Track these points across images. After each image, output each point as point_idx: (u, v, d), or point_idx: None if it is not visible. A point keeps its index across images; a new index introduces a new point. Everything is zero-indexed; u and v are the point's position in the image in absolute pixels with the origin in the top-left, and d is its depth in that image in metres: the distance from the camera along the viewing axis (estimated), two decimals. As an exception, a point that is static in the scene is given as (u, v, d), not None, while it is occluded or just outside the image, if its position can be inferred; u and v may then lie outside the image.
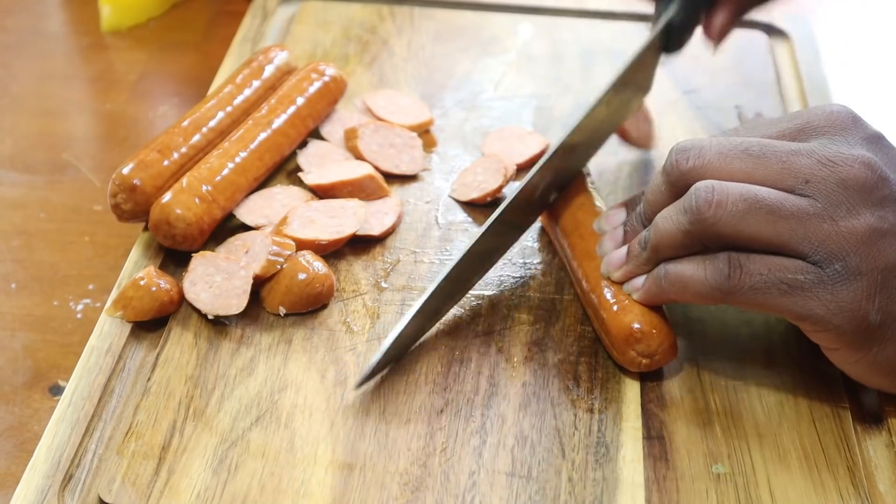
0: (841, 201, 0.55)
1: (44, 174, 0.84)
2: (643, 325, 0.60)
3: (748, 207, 0.55)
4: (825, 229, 0.54)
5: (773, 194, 0.55)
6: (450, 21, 0.95)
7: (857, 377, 0.59)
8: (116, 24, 1.01)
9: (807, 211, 0.55)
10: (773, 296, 0.56)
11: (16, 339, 0.70)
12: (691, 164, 0.57)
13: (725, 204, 0.55)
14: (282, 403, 0.60)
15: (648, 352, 0.60)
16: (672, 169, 0.58)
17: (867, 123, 0.59)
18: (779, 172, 0.56)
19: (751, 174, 0.56)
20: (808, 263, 0.55)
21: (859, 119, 0.59)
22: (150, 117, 0.91)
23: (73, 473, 0.57)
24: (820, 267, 0.55)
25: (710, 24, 0.74)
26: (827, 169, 0.55)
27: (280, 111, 0.75)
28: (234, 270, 0.65)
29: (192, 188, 0.68)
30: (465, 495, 0.56)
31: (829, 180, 0.55)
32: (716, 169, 0.57)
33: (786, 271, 0.55)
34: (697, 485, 0.57)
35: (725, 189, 0.55)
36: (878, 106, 0.95)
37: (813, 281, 0.55)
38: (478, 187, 0.75)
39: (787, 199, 0.55)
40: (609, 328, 0.62)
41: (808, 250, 0.55)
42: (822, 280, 0.55)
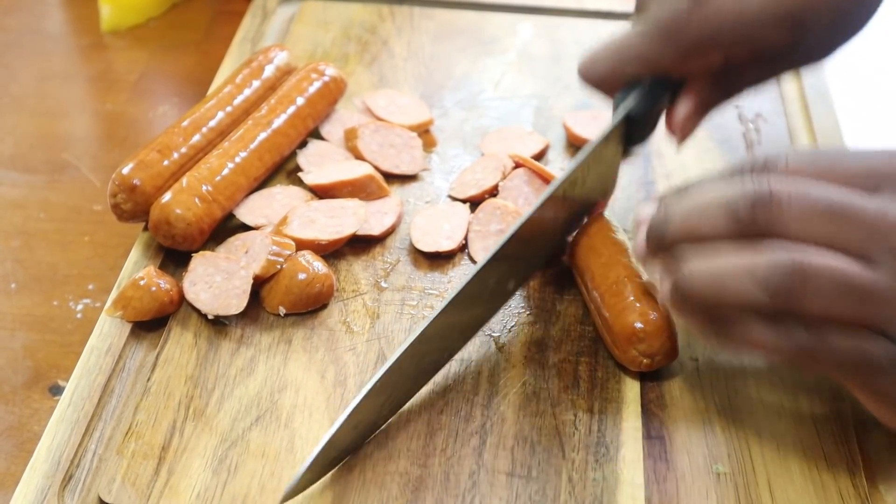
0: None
1: (44, 174, 0.84)
2: (645, 324, 0.60)
3: (837, 292, 0.49)
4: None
5: (861, 276, 0.49)
6: (449, 21, 0.95)
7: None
8: (116, 24, 1.01)
9: (890, 288, 0.49)
10: (849, 367, 0.52)
11: (16, 339, 0.70)
12: (770, 219, 0.50)
13: (810, 288, 0.49)
14: (282, 403, 0.60)
15: (650, 352, 0.60)
16: (745, 218, 0.51)
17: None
18: (864, 239, 0.50)
19: (832, 237, 0.50)
20: (888, 341, 0.50)
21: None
22: (150, 117, 0.91)
23: (72, 473, 0.57)
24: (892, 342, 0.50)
25: (671, 117, 0.68)
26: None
27: (280, 111, 0.75)
28: (234, 270, 0.65)
29: (192, 188, 0.68)
30: (465, 495, 0.56)
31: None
32: (795, 228, 0.50)
33: (865, 343, 0.51)
34: (697, 485, 0.57)
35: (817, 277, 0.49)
36: (878, 106, 0.95)
37: (886, 356, 0.50)
38: (476, 185, 0.75)
39: (876, 280, 0.49)
40: (611, 327, 0.62)
41: (889, 323, 0.50)
42: (890, 356, 0.50)
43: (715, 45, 0.63)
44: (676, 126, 0.67)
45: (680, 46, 0.64)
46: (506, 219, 0.71)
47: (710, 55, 0.64)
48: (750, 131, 0.82)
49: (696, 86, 0.67)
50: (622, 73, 0.66)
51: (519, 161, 0.75)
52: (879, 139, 0.90)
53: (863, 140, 0.87)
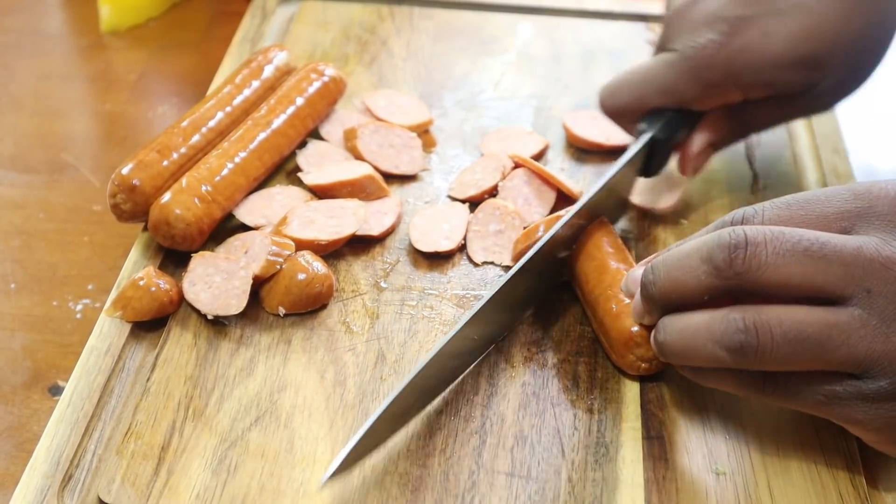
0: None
1: (43, 174, 0.84)
2: (642, 328, 0.60)
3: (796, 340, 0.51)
4: (876, 349, 0.51)
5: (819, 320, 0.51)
6: (449, 21, 0.95)
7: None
8: (116, 24, 1.01)
9: (859, 328, 0.51)
10: (810, 405, 0.54)
11: (15, 339, 0.70)
12: (746, 265, 0.51)
13: (769, 347, 0.51)
14: (281, 403, 0.60)
15: (648, 356, 0.60)
16: (724, 266, 0.52)
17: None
18: (840, 279, 0.51)
19: (809, 279, 0.51)
20: (849, 376, 0.52)
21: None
22: (149, 117, 0.91)
23: (72, 474, 0.57)
24: (861, 381, 0.52)
25: (686, 150, 0.70)
26: (890, 274, 0.50)
27: (279, 111, 0.75)
28: (234, 270, 0.65)
29: (191, 188, 0.68)
30: (465, 495, 0.56)
31: (891, 289, 0.50)
32: (773, 272, 0.51)
33: (824, 385, 0.53)
34: (697, 485, 0.57)
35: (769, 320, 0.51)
36: (878, 105, 0.95)
37: (852, 394, 0.52)
38: (475, 185, 0.75)
39: (837, 319, 0.51)
40: (608, 331, 0.62)
41: (850, 368, 0.52)
42: (862, 393, 0.52)
43: (738, 81, 0.66)
44: (690, 159, 0.70)
45: (705, 80, 0.66)
46: (505, 219, 0.71)
47: (731, 92, 0.67)
48: (750, 131, 0.82)
49: (712, 122, 0.69)
50: (645, 103, 0.69)
51: (518, 161, 0.75)
52: (879, 139, 0.90)
53: (862, 140, 0.88)
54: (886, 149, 0.89)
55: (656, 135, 0.68)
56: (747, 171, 0.78)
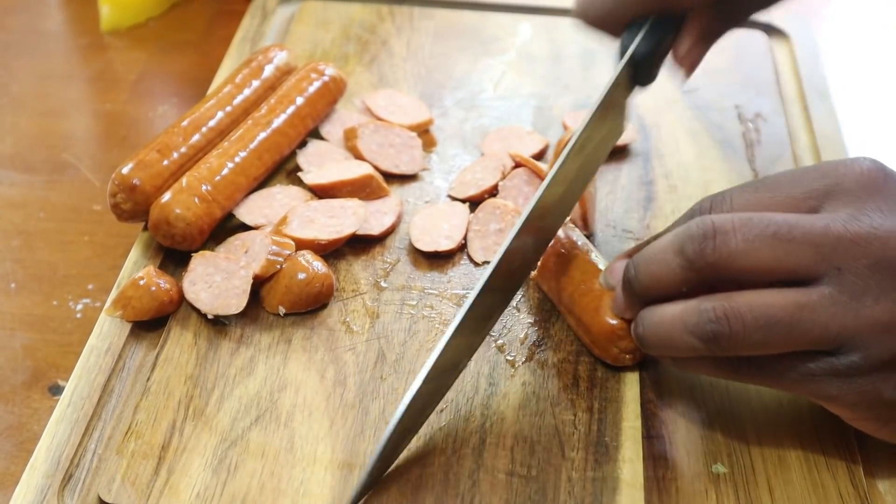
0: (869, 287, 0.51)
1: (43, 174, 0.84)
2: (623, 321, 0.60)
3: (767, 325, 0.51)
4: (847, 324, 0.51)
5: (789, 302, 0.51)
6: (449, 21, 0.95)
7: (884, 439, 0.58)
8: (116, 24, 1.01)
9: (829, 305, 0.51)
10: (786, 384, 0.55)
11: (15, 338, 0.70)
12: (717, 253, 0.52)
13: (741, 333, 0.52)
14: (281, 403, 0.60)
15: (631, 347, 0.61)
16: (695, 257, 0.53)
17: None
18: (810, 259, 0.51)
19: (780, 261, 0.52)
20: (822, 353, 0.53)
21: (891, 175, 0.54)
22: (149, 117, 0.91)
23: (72, 473, 0.57)
24: (835, 357, 0.52)
25: (676, 50, 0.67)
26: (859, 250, 0.51)
27: (279, 111, 0.75)
28: (234, 270, 0.65)
29: (191, 188, 0.68)
30: (465, 495, 0.56)
31: (861, 265, 0.51)
32: (743, 258, 0.52)
33: (797, 363, 0.53)
34: (697, 485, 0.57)
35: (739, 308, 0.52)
36: (878, 105, 0.95)
37: (826, 370, 0.53)
38: (476, 184, 0.75)
39: (807, 299, 0.51)
40: (588, 328, 0.62)
41: (823, 345, 0.52)
42: (835, 369, 0.52)
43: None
44: (681, 58, 0.68)
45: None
46: (505, 218, 0.71)
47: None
48: (750, 131, 0.82)
49: (697, 18, 0.67)
50: (621, 9, 0.65)
51: (519, 160, 0.75)
52: (879, 139, 0.90)
53: (863, 140, 0.88)
54: (887, 149, 0.89)
55: (639, 47, 0.65)
56: (747, 171, 0.78)
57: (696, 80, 0.87)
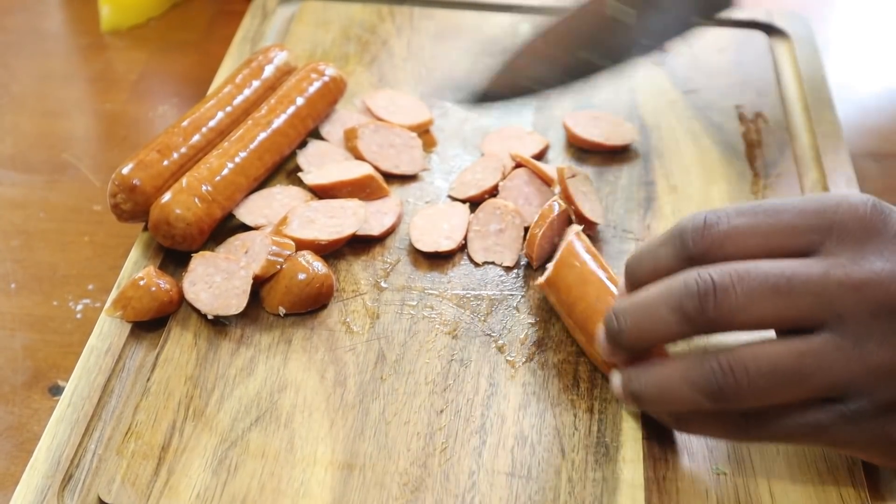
0: (872, 333, 0.50)
1: (44, 174, 0.84)
2: None
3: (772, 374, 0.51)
4: (852, 370, 0.50)
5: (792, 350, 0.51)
6: (450, 21, 0.95)
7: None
8: (116, 24, 1.01)
9: (833, 351, 0.50)
10: (796, 437, 0.54)
11: (15, 339, 0.70)
12: (718, 311, 0.51)
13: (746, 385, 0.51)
14: (281, 403, 0.60)
15: None
16: (696, 315, 0.52)
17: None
18: (811, 309, 0.51)
19: (782, 313, 0.51)
20: (829, 401, 0.52)
21: (889, 213, 0.53)
22: (149, 117, 0.91)
23: (72, 473, 0.57)
24: (842, 403, 0.52)
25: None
26: (860, 296, 0.50)
27: (280, 111, 0.75)
28: (234, 270, 0.65)
29: (191, 188, 0.68)
30: (465, 495, 0.56)
31: (863, 312, 0.50)
32: (745, 313, 0.51)
33: (805, 414, 0.52)
34: (697, 485, 0.57)
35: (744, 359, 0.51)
36: (878, 105, 0.95)
37: (835, 419, 0.52)
38: (476, 185, 0.75)
39: (810, 347, 0.51)
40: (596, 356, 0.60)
41: (829, 393, 0.51)
42: (844, 417, 0.52)
43: None
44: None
45: None
46: (505, 218, 0.71)
47: None
48: (750, 131, 0.82)
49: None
50: None
51: (519, 160, 0.75)
52: (879, 139, 0.90)
53: (863, 140, 0.88)
54: (887, 149, 0.88)
55: None
56: (747, 171, 0.78)
57: (697, 81, 0.88)
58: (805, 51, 0.91)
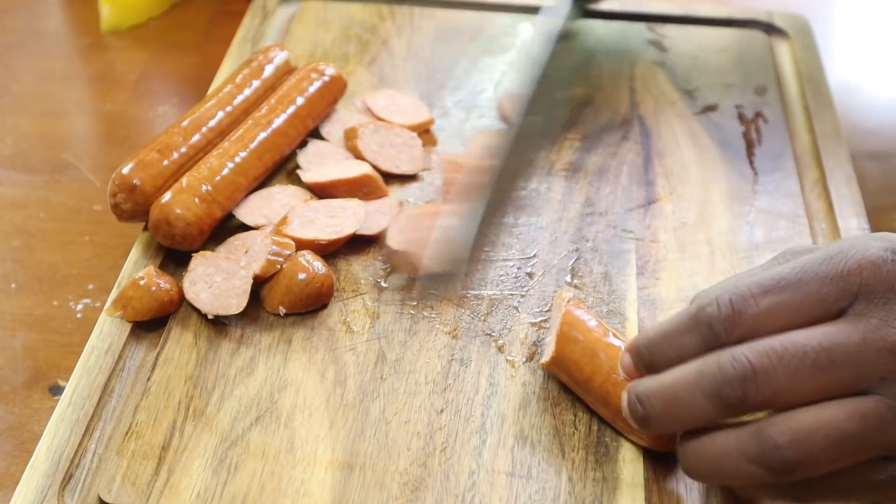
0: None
1: (44, 174, 0.84)
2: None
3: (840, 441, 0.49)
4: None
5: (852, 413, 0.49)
6: (450, 21, 0.95)
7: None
8: (116, 24, 1.01)
9: (886, 412, 0.49)
10: (857, 497, 0.52)
11: (16, 338, 0.70)
12: (761, 396, 0.49)
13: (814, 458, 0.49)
14: (282, 403, 0.60)
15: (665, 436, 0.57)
16: (737, 402, 0.49)
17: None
18: (853, 379, 0.49)
19: (824, 390, 0.49)
20: (887, 459, 0.51)
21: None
22: (150, 117, 0.91)
23: (72, 473, 0.57)
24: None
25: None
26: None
27: (280, 111, 0.75)
28: (234, 270, 0.65)
29: (191, 188, 0.68)
30: (465, 495, 0.56)
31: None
32: (788, 395, 0.49)
33: (863, 476, 0.51)
34: (697, 485, 0.57)
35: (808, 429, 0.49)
36: (878, 105, 0.95)
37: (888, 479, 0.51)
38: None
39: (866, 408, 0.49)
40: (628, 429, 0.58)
41: (891, 450, 0.50)
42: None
43: None
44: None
45: None
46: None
47: None
48: (750, 131, 0.82)
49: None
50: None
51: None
52: (879, 139, 0.90)
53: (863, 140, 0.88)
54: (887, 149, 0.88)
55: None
56: (748, 171, 0.78)
57: (696, 81, 0.88)
58: (805, 51, 0.91)
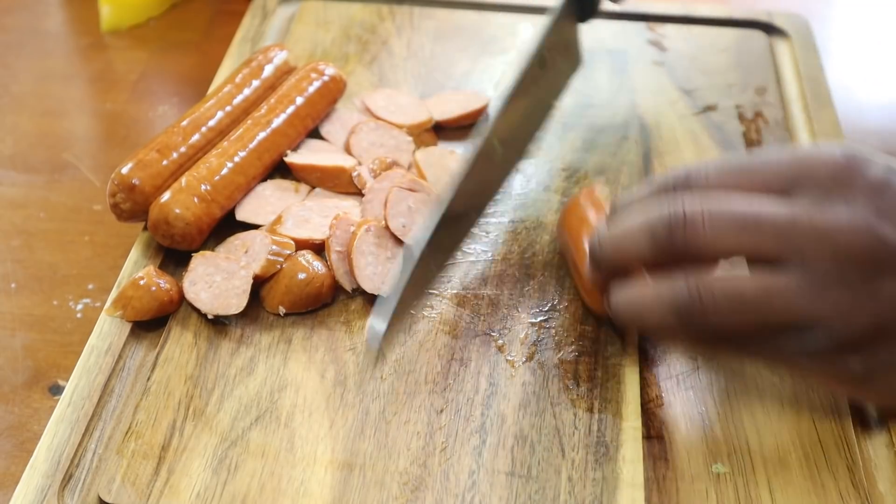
0: (833, 275, 0.52)
1: (44, 174, 0.84)
2: None
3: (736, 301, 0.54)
4: (814, 306, 0.53)
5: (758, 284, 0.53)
6: (450, 21, 0.95)
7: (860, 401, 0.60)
8: (116, 24, 1.01)
9: (795, 288, 0.53)
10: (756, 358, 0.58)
11: (15, 338, 0.70)
12: (686, 240, 0.55)
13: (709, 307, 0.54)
14: (281, 403, 0.60)
15: None
16: (664, 241, 0.55)
17: (874, 166, 0.54)
18: (774, 248, 0.53)
19: (745, 249, 0.54)
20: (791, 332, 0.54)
21: (864, 164, 0.54)
22: (149, 117, 0.91)
23: (72, 473, 0.57)
24: (802, 335, 0.54)
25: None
26: (822, 241, 0.52)
27: (279, 111, 0.75)
28: (234, 270, 0.65)
29: (190, 188, 0.68)
30: (465, 495, 0.56)
31: (824, 257, 0.52)
32: (710, 246, 0.54)
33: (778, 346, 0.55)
34: (697, 485, 0.57)
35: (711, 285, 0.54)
36: (878, 105, 0.95)
37: (794, 349, 0.55)
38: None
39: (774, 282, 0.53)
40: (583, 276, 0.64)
41: (790, 324, 0.54)
42: (804, 347, 0.54)
43: None
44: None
45: None
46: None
47: None
48: (750, 131, 0.82)
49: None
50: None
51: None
52: (879, 139, 0.90)
53: (863, 139, 0.88)
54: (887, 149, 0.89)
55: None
56: (747, 171, 0.78)
57: (696, 81, 0.88)
58: (805, 51, 0.91)
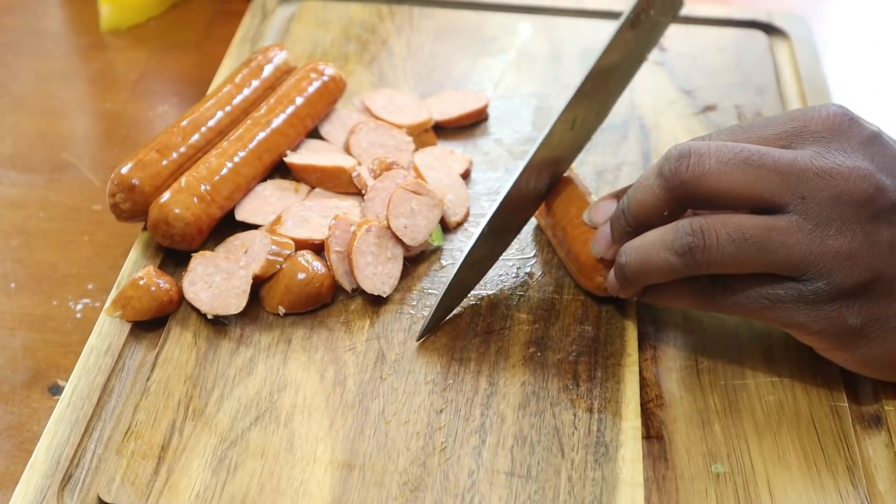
0: (833, 219, 0.55)
1: (44, 174, 0.84)
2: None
3: (739, 240, 0.56)
4: (813, 250, 0.55)
5: (760, 224, 0.56)
6: (449, 21, 0.95)
7: (855, 370, 0.61)
8: (116, 24, 1.01)
9: (796, 231, 0.55)
10: (756, 309, 0.58)
11: (15, 338, 0.70)
12: (691, 172, 0.57)
13: (715, 247, 0.56)
14: (281, 403, 0.60)
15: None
16: (671, 176, 0.57)
17: (864, 123, 0.59)
18: (777, 186, 0.56)
19: (749, 186, 0.56)
20: (790, 279, 0.56)
21: (856, 120, 0.58)
22: (149, 117, 0.91)
23: (72, 473, 0.57)
24: (801, 283, 0.56)
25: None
26: (823, 182, 0.55)
27: (279, 111, 0.75)
28: (234, 270, 0.65)
29: (190, 188, 0.68)
30: (465, 495, 0.56)
31: (824, 196, 0.55)
32: (715, 178, 0.56)
33: (767, 288, 0.57)
34: (697, 484, 0.57)
35: (714, 224, 0.56)
36: (878, 105, 0.95)
37: (793, 296, 0.56)
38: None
39: (776, 223, 0.56)
40: (576, 256, 0.65)
41: (790, 270, 0.56)
42: (802, 295, 0.56)
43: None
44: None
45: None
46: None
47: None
48: (750, 131, 0.82)
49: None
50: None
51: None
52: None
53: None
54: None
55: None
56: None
57: (696, 81, 0.88)
58: (805, 51, 0.91)
